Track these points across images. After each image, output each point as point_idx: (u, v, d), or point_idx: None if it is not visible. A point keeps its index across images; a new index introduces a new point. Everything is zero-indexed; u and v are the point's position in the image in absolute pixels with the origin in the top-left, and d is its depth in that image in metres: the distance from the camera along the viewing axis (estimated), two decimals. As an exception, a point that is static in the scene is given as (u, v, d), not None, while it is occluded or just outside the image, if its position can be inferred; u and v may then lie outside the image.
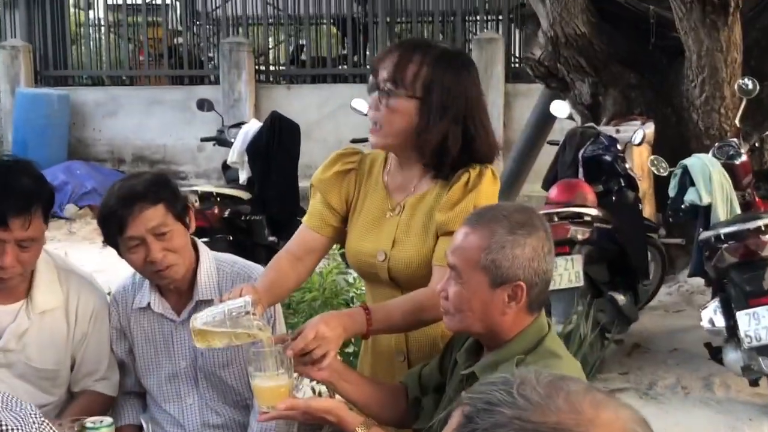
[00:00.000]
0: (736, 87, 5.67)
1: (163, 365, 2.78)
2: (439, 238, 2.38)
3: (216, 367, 2.75)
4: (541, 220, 2.10)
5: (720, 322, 4.73)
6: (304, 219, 2.60)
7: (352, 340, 3.79)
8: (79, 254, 8.81)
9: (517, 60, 12.07)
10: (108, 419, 2.21)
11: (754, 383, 4.86)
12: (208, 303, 2.70)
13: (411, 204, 2.46)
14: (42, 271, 2.70)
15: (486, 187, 2.36)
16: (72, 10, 14.03)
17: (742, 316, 4.57)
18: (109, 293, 2.96)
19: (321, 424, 2.34)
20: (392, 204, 2.49)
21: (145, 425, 2.36)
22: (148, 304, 2.76)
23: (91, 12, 14.08)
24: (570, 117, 6.76)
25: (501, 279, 2.02)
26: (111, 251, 2.71)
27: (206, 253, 2.78)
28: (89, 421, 2.19)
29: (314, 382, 3.38)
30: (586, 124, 6.57)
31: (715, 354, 4.89)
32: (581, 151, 5.98)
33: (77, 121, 12.59)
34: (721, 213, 5.05)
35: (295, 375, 2.26)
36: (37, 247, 2.59)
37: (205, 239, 6.36)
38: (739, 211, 5.08)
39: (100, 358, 2.77)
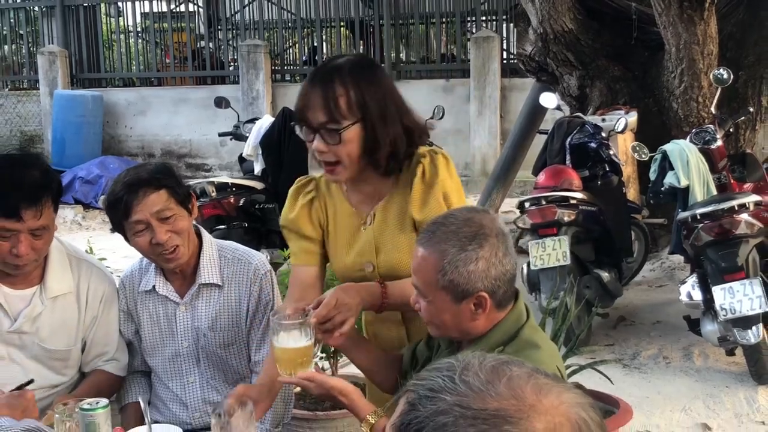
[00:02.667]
0: (711, 77, 5.56)
1: (167, 345, 2.73)
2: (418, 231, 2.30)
3: (217, 347, 2.69)
4: (493, 223, 1.98)
5: (697, 296, 4.66)
6: (291, 261, 2.51)
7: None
8: (111, 242, 8.79)
9: (512, 56, 11.96)
10: (104, 401, 2.14)
11: (730, 353, 4.82)
12: (210, 286, 2.66)
13: (380, 211, 2.37)
14: (54, 258, 2.66)
15: (443, 172, 2.28)
16: (104, 18, 14.01)
17: (717, 291, 4.49)
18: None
19: (330, 401, 2.27)
20: (362, 217, 2.40)
21: (143, 405, 2.28)
22: (153, 287, 2.71)
23: (121, 20, 14.06)
24: (558, 107, 6.66)
25: (462, 294, 1.93)
26: None
27: (209, 240, 2.73)
28: (86, 403, 2.12)
29: (317, 358, 3.31)
30: (574, 114, 6.49)
31: (694, 326, 4.82)
32: (568, 139, 5.89)
33: (110, 120, 12.58)
34: (698, 194, 4.97)
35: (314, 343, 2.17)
36: (48, 235, 2.54)
37: (222, 226, 6.33)
38: (715, 192, 4.99)
39: (109, 340, 2.72)
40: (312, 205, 2.44)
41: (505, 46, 12.05)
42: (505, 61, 11.55)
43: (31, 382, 2.28)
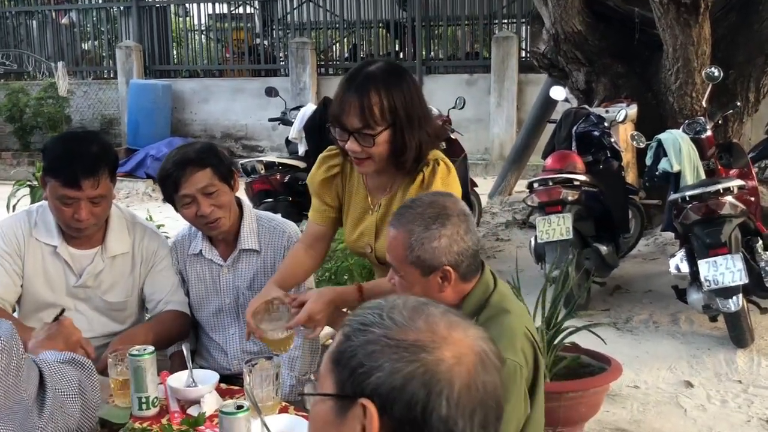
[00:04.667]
0: (703, 74, 5.43)
1: (211, 302, 2.73)
2: None
3: None
4: (455, 205, 1.95)
5: (685, 268, 4.58)
6: (309, 215, 2.52)
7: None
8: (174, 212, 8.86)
9: (528, 54, 11.80)
10: (150, 348, 2.14)
11: (713, 319, 4.74)
12: (249, 251, 2.65)
13: (385, 203, 2.35)
14: (114, 222, 2.67)
15: (438, 182, 2.24)
16: (173, 17, 14.02)
17: (703, 264, 4.40)
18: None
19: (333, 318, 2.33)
20: (372, 203, 2.38)
21: (186, 353, 2.29)
22: (200, 251, 2.71)
23: (188, 19, 14.07)
24: (566, 100, 6.56)
25: (429, 269, 1.90)
26: None
27: (249, 210, 2.72)
28: (134, 349, 2.12)
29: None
30: (580, 106, 6.38)
31: (681, 295, 4.74)
32: (574, 128, 5.80)
33: (177, 106, 12.62)
34: (689, 178, 4.87)
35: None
36: (106, 202, 2.54)
37: (269, 199, 6.33)
38: (704, 177, 4.89)
39: (165, 288, 2.70)
40: (334, 180, 2.43)
41: (523, 46, 11.88)
42: (522, 59, 11.39)
43: (63, 312, 2.26)
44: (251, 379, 2.06)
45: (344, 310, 2.33)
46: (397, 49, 13.38)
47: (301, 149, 6.89)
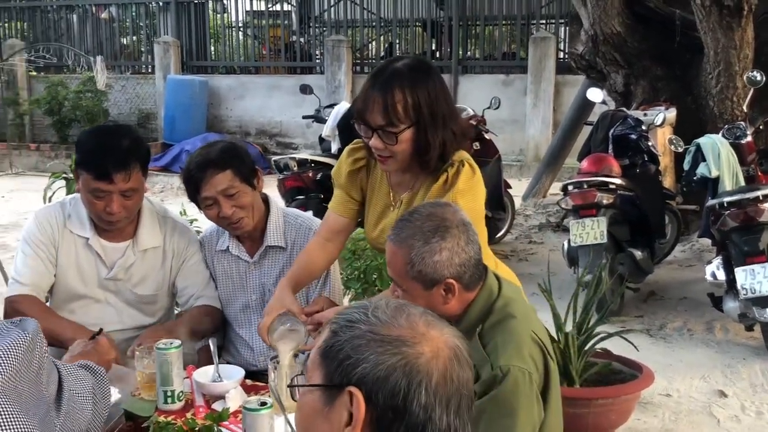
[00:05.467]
0: (745, 79, 5.34)
1: (238, 298, 2.74)
2: None
3: None
4: (454, 216, 1.90)
5: (721, 276, 4.51)
6: (330, 205, 2.50)
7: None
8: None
9: (566, 55, 11.69)
10: (177, 342, 2.15)
11: (749, 328, 4.64)
12: (276, 248, 2.67)
13: (407, 200, 2.33)
14: (146, 216, 2.69)
15: (461, 183, 2.21)
16: (211, 14, 14.13)
17: (740, 272, 4.32)
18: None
19: None
20: (394, 199, 2.36)
21: (212, 347, 2.29)
22: (227, 247, 2.72)
23: (226, 15, 14.15)
24: (603, 102, 6.48)
25: (431, 283, 1.87)
26: None
27: (275, 207, 2.73)
28: (161, 343, 2.13)
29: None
30: (617, 108, 6.31)
31: (717, 303, 4.65)
32: (611, 130, 5.74)
33: (214, 102, 12.70)
34: (727, 184, 4.79)
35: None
36: (137, 196, 2.56)
37: (301, 196, 6.34)
38: (743, 183, 4.81)
39: (197, 282, 2.72)
40: (359, 173, 2.43)
41: (560, 47, 11.78)
42: (560, 60, 11.29)
43: (100, 331, 2.28)
44: (275, 376, 2.05)
45: None
46: (433, 48, 13.34)
47: (334, 147, 6.89)
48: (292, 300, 2.33)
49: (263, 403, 1.85)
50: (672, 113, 6.12)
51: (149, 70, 13.60)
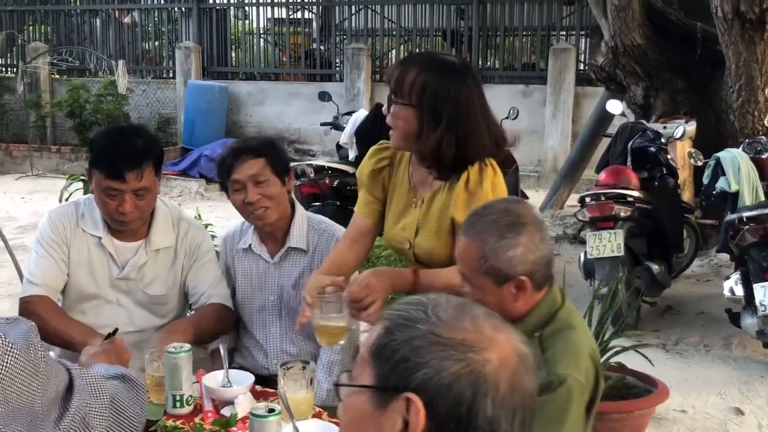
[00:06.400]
0: (767, 93, 5.28)
1: (255, 298, 2.74)
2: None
3: (298, 304, 2.65)
4: (528, 212, 1.88)
5: (739, 291, 4.45)
6: (356, 208, 2.50)
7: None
8: (227, 212, 8.92)
9: (586, 67, 11.64)
10: (187, 346, 2.13)
11: (766, 345, 4.55)
12: (297, 250, 2.68)
13: (427, 199, 2.32)
14: (160, 217, 2.69)
15: (487, 184, 2.20)
16: (233, 20, 14.20)
17: (758, 288, 4.26)
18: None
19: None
20: (415, 197, 2.36)
21: (222, 352, 2.28)
22: (250, 245, 2.73)
23: (247, 22, 14.21)
24: (622, 114, 6.44)
25: (503, 279, 1.83)
26: None
27: (300, 211, 2.75)
28: (171, 347, 2.12)
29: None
30: (637, 121, 6.27)
31: (734, 318, 4.59)
32: (630, 143, 5.70)
33: (233, 107, 12.75)
34: (747, 199, 4.75)
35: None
36: (150, 196, 2.56)
37: (317, 203, 6.33)
38: (763, 198, 4.76)
39: (209, 280, 2.71)
40: (382, 172, 2.43)
41: (581, 58, 11.73)
42: (579, 71, 11.24)
43: (116, 331, 2.27)
44: (285, 383, 2.04)
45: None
46: (453, 58, 13.32)
47: (352, 154, 6.89)
48: (326, 277, 2.28)
49: (271, 410, 1.83)
50: (692, 126, 6.06)
51: (170, 75, 13.68)
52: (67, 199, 4.72)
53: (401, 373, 1.04)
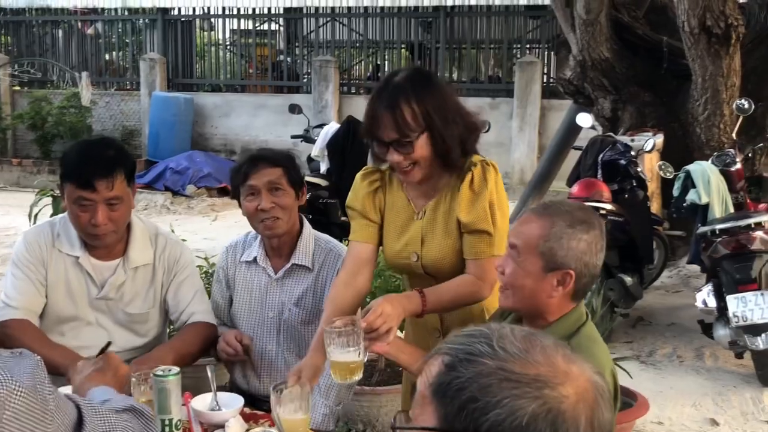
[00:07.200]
0: (734, 106, 5.38)
1: (254, 313, 2.68)
2: (464, 235, 2.25)
3: (297, 323, 2.63)
4: (599, 222, 1.88)
5: (712, 303, 4.50)
6: (351, 238, 2.45)
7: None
8: (194, 225, 8.82)
9: (552, 80, 11.77)
10: (176, 369, 2.07)
11: (739, 356, 4.63)
12: (302, 267, 2.64)
13: (431, 208, 2.32)
14: (137, 234, 2.63)
15: (491, 183, 2.23)
16: (198, 31, 14.09)
17: (731, 300, 4.32)
18: (206, 258, 2.85)
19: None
20: (416, 210, 2.35)
21: (210, 374, 2.22)
22: (255, 258, 2.68)
23: (213, 33, 14.13)
24: (592, 127, 6.50)
25: (554, 265, 1.81)
26: (220, 223, 2.64)
27: (308, 229, 2.70)
28: (159, 370, 2.05)
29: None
30: (606, 134, 6.32)
31: (707, 330, 4.64)
32: (600, 156, 5.74)
33: (199, 120, 12.64)
34: (717, 211, 4.80)
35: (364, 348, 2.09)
36: (124, 207, 2.49)
37: (289, 217, 6.28)
38: (732, 210, 4.82)
39: (188, 296, 2.66)
40: (376, 194, 2.41)
41: (546, 71, 11.85)
42: (545, 84, 11.36)
43: (109, 344, 2.21)
44: (280, 405, 1.99)
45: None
46: (419, 70, 13.40)
47: (323, 167, 6.86)
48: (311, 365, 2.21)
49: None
50: (660, 139, 6.13)
51: (134, 87, 13.52)
52: (36, 216, 4.60)
53: (470, 414, 0.95)
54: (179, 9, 13.50)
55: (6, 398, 1.20)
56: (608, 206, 5.13)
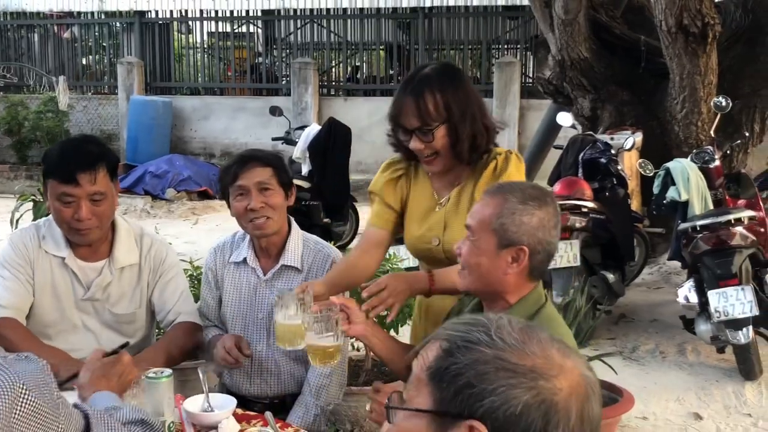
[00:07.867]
0: (712, 104, 5.44)
1: (243, 314, 2.68)
2: None
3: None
4: (553, 199, 1.92)
5: (694, 298, 4.54)
6: (368, 220, 2.56)
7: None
8: (175, 229, 8.77)
9: (530, 80, 11.84)
10: (168, 371, 2.06)
11: (720, 351, 4.69)
12: (291, 269, 2.64)
13: (455, 195, 2.41)
14: (122, 234, 2.63)
15: (512, 168, 2.34)
16: (176, 34, 14.03)
17: (713, 295, 4.36)
18: (191, 261, 2.83)
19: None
20: (439, 198, 2.44)
21: (201, 376, 2.22)
22: (244, 258, 2.68)
23: (190, 36, 14.07)
24: (572, 126, 6.55)
25: (507, 241, 1.84)
26: (201, 226, 2.64)
27: (297, 230, 2.70)
28: (151, 372, 2.05)
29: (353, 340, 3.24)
30: (586, 133, 6.37)
31: (689, 325, 4.69)
32: (581, 155, 5.78)
33: (178, 123, 12.59)
34: (696, 208, 4.84)
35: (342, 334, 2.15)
36: (107, 203, 2.49)
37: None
38: (711, 206, 4.87)
39: (174, 296, 2.66)
40: (398, 181, 2.51)
41: (524, 71, 11.92)
42: (524, 84, 11.43)
43: (126, 344, 2.22)
44: (308, 325, 2.06)
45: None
46: (398, 71, 13.41)
47: (305, 169, 6.86)
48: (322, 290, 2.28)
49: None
50: (639, 137, 6.18)
51: (112, 91, 13.43)
52: (17, 221, 4.57)
53: (466, 399, 0.99)
54: (156, 12, 13.45)
55: (15, 400, 1.19)
56: (590, 204, 5.18)
